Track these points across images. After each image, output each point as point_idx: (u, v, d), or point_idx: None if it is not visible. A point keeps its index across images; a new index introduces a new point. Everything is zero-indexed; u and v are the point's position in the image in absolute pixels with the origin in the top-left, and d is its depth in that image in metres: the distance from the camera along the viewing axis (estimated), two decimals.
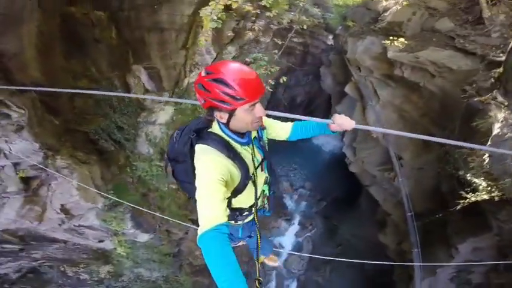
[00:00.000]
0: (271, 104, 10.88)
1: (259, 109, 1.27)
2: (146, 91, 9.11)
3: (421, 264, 4.42)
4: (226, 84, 1.18)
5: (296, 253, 5.60)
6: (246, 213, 1.66)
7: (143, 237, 7.08)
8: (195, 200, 1.20)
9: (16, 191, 5.39)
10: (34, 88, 4.56)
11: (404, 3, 6.51)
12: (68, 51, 6.73)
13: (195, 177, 1.24)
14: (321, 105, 14.47)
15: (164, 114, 9.26)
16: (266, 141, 1.65)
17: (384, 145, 7.54)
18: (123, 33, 7.78)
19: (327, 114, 13.40)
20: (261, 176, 1.59)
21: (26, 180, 5.56)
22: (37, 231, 6.08)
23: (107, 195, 5.94)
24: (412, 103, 6.78)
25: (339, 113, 1.56)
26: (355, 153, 8.88)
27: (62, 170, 6.00)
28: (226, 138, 1.37)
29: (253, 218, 1.71)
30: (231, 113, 1.26)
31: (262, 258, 2.95)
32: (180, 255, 7.88)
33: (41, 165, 5.31)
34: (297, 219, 11.12)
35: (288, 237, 10.46)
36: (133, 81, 8.80)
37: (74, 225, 6.23)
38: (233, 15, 8.00)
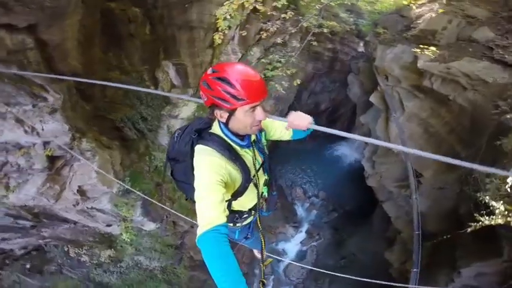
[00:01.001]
0: (292, 109, 10.73)
1: (259, 112, 1.26)
2: (173, 86, 9.48)
3: (416, 286, 4.08)
4: (229, 83, 1.20)
5: (294, 262, 5.45)
6: (246, 215, 1.67)
7: (150, 226, 7.24)
8: (194, 201, 1.22)
9: (41, 168, 5.75)
10: (49, 75, 4.86)
11: (440, 10, 6.07)
12: (106, 45, 7.09)
13: (193, 178, 1.26)
14: (345, 114, 13.93)
15: (187, 110, 9.51)
16: (265, 143, 1.64)
17: (404, 161, 7.07)
18: (157, 29, 8.04)
19: (351, 124, 12.90)
20: (261, 178, 1.59)
21: (51, 159, 5.94)
22: (52, 209, 6.36)
23: (120, 183, 6.17)
24: (439, 117, 6.31)
25: (362, 124, 1.49)
26: (374, 167, 8.43)
27: (85, 153, 6.41)
28: (227, 139, 1.37)
29: (251, 220, 1.78)
30: (231, 113, 1.26)
31: (268, 260, 2.93)
32: (182, 248, 7.94)
33: (64, 146, 5.68)
34: (305, 227, 10.87)
35: (292, 244, 10.26)
36: (162, 76, 9.14)
37: (87, 207, 6.47)
38: (259, 17, 8.07)
